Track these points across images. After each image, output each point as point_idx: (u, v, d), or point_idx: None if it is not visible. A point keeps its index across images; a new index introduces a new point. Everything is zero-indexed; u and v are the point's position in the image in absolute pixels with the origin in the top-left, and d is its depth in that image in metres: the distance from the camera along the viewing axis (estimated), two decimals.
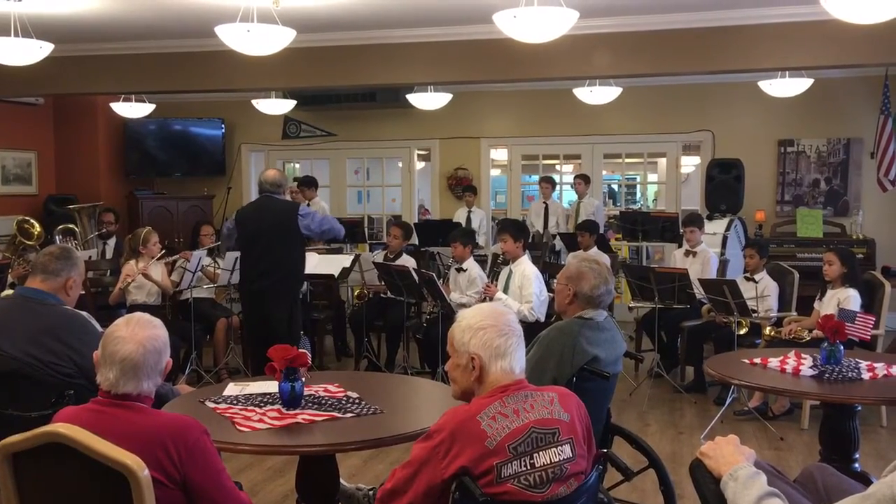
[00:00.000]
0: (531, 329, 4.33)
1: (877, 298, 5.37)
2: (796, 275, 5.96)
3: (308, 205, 8.21)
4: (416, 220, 9.56)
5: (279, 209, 5.29)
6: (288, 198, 5.55)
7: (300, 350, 2.96)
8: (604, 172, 9.88)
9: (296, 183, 8.65)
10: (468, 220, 8.85)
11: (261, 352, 3.55)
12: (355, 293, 6.97)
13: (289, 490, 4.04)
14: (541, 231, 8.71)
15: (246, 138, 9.90)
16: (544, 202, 8.85)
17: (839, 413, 3.48)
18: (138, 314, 2.23)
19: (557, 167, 10.53)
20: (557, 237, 8.31)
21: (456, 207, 9.23)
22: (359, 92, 8.92)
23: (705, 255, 6.60)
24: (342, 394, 3.11)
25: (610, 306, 3.68)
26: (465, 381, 2.19)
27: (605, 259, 6.72)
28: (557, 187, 9.29)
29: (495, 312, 2.20)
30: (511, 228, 5.62)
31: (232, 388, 3.21)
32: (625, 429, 3.13)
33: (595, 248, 7.15)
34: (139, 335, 2.12)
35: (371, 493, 3.03)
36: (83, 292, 3.36)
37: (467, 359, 2.16)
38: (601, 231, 7.81)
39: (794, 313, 5.78)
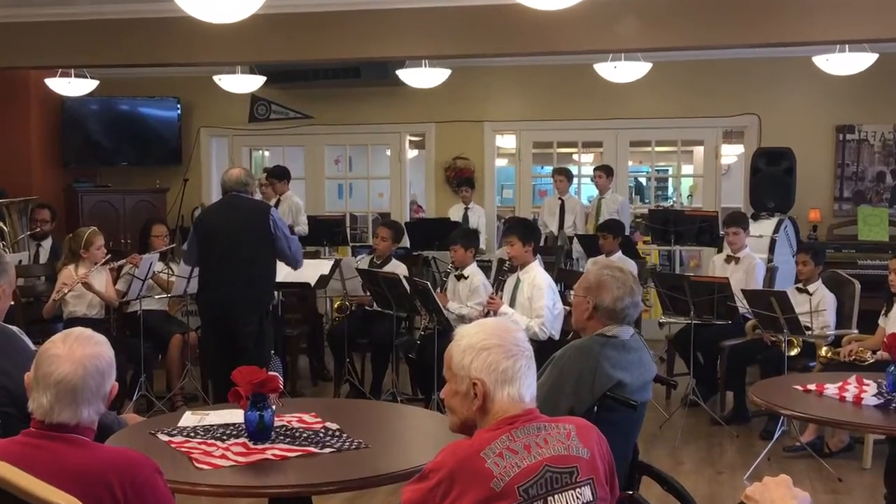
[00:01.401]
0: (543, 349, 4.34)
1: None
2: (857, 285, 5.97)
3: (279, 201, 8.22)
4: (408, 219, 9.58)
5: (248, 207, 5.34)
6: (258, 197, 5.59)
7: (270, 373, 2.96)
8: (630, 163, 9.90)
9: (265, 174, 8.66)
10: (465, 219, 8.87)
11: (223, 375, 3.54)
12: (335, 305, 6.97)
13: None
14: (555, 232, 8.72)
15: (206, 121, 9.91)
16: (559, 198, 8.86)
17: None
18: (78, 329, 2.22)
19: (575, 157, 10.55)
20: (574, 240, 8.32)
21: (455, 202, 9.24)
22: (340, 67, 8.93)
23: (750, 261, 6.61)
24: (319, 425, 3.11)
25: (637, 322, 3.68)
26: (465, 411, 2.18)
27: (631, 266, 6.71)
28: (575, 181, 9.30)
29: (501, 329, 2.20)
30: (519, 229, 5.63)
31: (189, 418, 3.20)
32: (654, 467, 3.13)
33: (619, 253, 7.16)
34: (78, 353, 2.12)
35: None
36: (13, 303, 3.34)
37: (468, 384, 2.16)
38: (626, 233, 7.81)
39: (855, 331, 5.78)
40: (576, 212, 8.79)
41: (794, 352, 5.63)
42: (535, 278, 5.51)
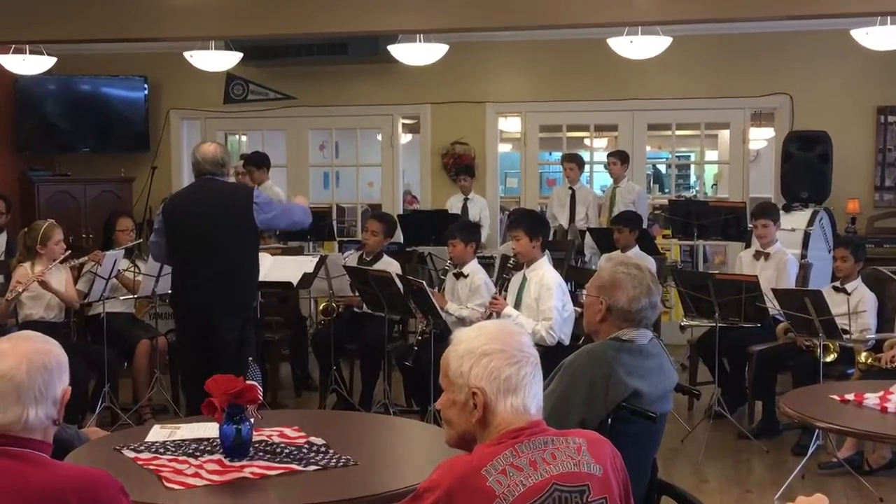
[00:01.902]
0: (551, 355, 4.33)
1: None
2: None
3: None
4: (401, 211, 9.57)
5: (226, 194, 5.25)
6: (232, 180, 5.53)
7: (248, 382, 2.96)
8: (647, 149, 9.90)
9: (241, 162, 8.65)
10: (464, 210, 8.87)
11: (199, 385, 3.54)
12: (320, 307, 6.97)
13: None
14: (565, 226, 8.73)
15: (176, 102, 9.90)
16: (569, 188, 8.86)
17: None
18: (28, 331, 2.23)
19: (587, 142, 10.54)
20: (586, 234, 8.32)
21: (454, 191, 9.24)
22: (325, 42, 8.91)
23: (781, 257, 6.61)
24: (303, 440, 3.11)
25: (656, 325, 3.68)
26: (464, 424, 2.19)
27: (650, 262, 6.71)
28: (587, 168, 9.30)
29: (504, 333, 2.20)
30: (526, 222, 5.63)
31: (158, 433, 3.21)
32: (675, 486, 3.13)
33: (636, 249, 7.16)
34: (23, 348, 2.13)
35: None
36: None
37: (467, 394, 2.16)
38: (644, 226, 7.82)
39: None
40: (588, 203, 8.79)
41: (830, 357, 5.63)
42: (543, 277, 5.51)
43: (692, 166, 14.39)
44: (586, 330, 3.28)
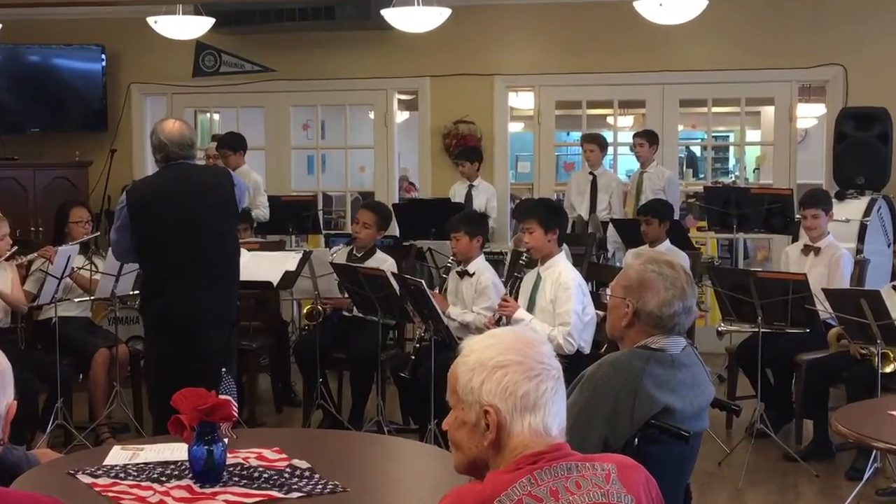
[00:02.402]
0: (569, 365, 4.32)
1: None
2: None
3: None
4: (397, 200, 9.55)
5: (208, 180, 5.20)
6: (197, 161, 5.47)
7: (221, 396, 2.95)
8: (680, 128, 9.88)
9: (214, 144, 8.64)
10: (468, 199, 8.86)
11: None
12: (304, 310, 6.96)
13: None
14: (584, 216, 8.72)
15: (138, 75, 9.89)
16: (590, 172, 8.86)
17: None
18: None
19: (610, 120, 10.55)
20: (610, 226, 8.32)
21: (457, 177, 9.23)
22: (309, 6, 8.90)
23: (833, 252, 6.60)
24: (284, 463, 3.11)
25: (689, 331, 3.67)
26: (474, 447, 2.17)
27: (682, 259, 6.70)
28: (610, 150, 9.29)
29: (521, 342, 2.19)
30: (540, 213, 5.62)
31: (118, 454, 3.20)
32: None
33: (666, 243, 7.15)
34: None
35: None
36: None
37: (478, 413, 2.14)
38: (676, 216, 7.80)
39: None
40: (611, 190, 8.79)
41: (889, 368, 5.62)
42: (560, 275, 5.50)
43: (731, 148, 14.41)
44: (610, 335, 3.28)
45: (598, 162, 8.84)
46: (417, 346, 5.93)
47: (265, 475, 2.97)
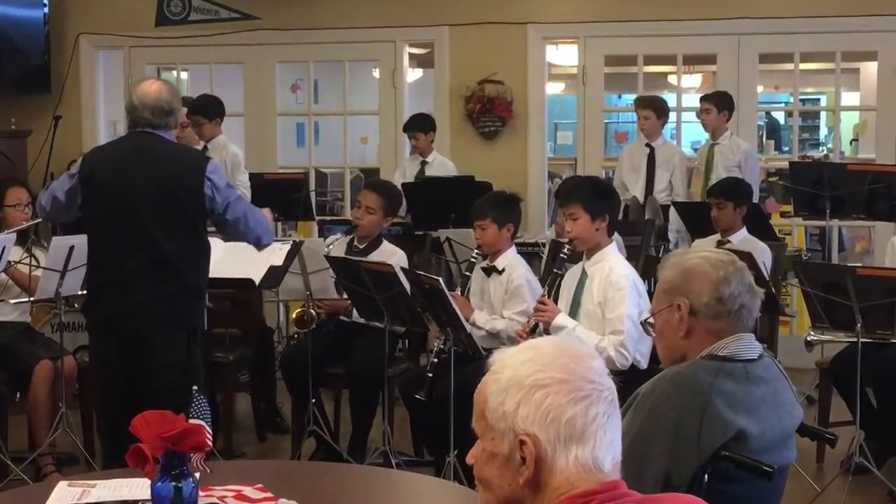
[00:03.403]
0: (624, 384, 4.31)
1: None
2: None
3: (207, 148, 8.21)
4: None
5: (170, 158, 5.22)
6: (173, 137, 5.49)
7: (191, 420, 2.96)
8: (759, 89, 9.85)
9: (184, 110, 8.66)
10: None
11: (123, 427, 3.51)
12: (293, 315, 6.97)
13: None
14: (640, 199, 8.70)
15: (88, 25, 9.93)
16: (647, 144, 8.85)
17: None
18: None
19: (673, 79, 10.51)
20: (671, 209, 8.31)
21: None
22: None
23: None
24: (269, 503, 3.11)
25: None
26: (507, 486, 2.17)
27: (762, 251, 6.70)
28: (672, 117, 9.25)
29: (565, 355, 2.18)
30: (585, 195, 5.61)
31: (65, 492, 3.22)
32: None
33: (743, 232, 7.12)
34: None
35: None
36: None
37: (512, 443, 2.14)
38: (754, 199, 7.77)
39: None
40: (672, 166, 8.77)
41: None
42: (611, 272, 5.48)
43: (823, 114, 14.34)
44: (669, 363, 3.26)
45: (657, 132, 8.81)
46: (434, 360, 5.90)
47: None
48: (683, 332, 3.12)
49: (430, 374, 5.89)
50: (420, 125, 8.98)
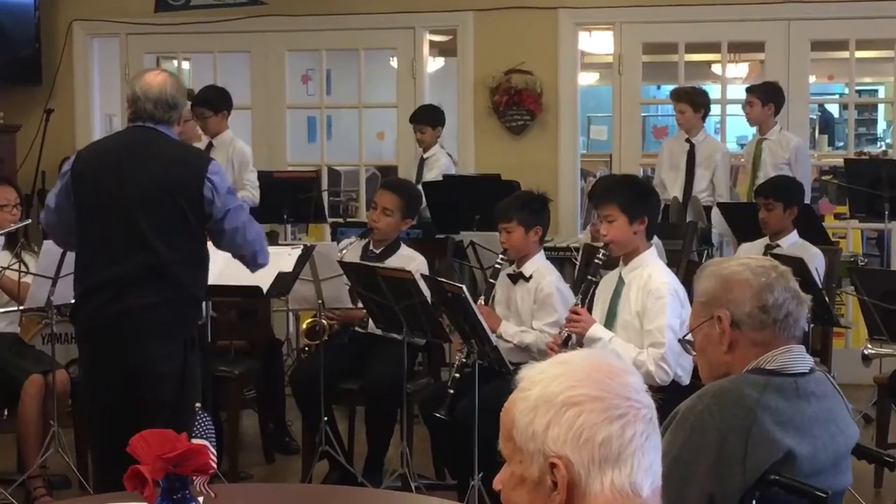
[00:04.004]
0: (665, 401, 4.35)
1: None
2: None
3: (211, 146, 8.25)
4: (415, 179, 9.57)
5: (169, 155, 5.25)
6: (174, 134, 5.54)
7: (194, 440, 3.00)
8: (812, 79, 9.83)
9: (187, 103, 8.70)
10: (418, 176, 8.93)
11: (116, 445, 3.55)
12: (303, 325, 6.99)
13: None
14: (680, 199, 8.71)
15: (83, 10, 9.96)
16: (687, 140, 8.88)
17: None
18: None
19: (716, 69, 10.50)
20: (714, 211, 8.32)
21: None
22: None
23: None
24: None
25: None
26: None
27: (815, 256, 6.69)
28: (715, 110, 9.25)
29: (599, 370, 2.19)
30: (622, 195, 5.60)
31: None
32: None
33: (793, 235, 7.11)
34: None
35: None
36: None
37: (542, 467, 2.14)
38: (806, 200, 7.77)
39: None
40: (714, 164, 8.77)
41: None
42: (650, 279, 5.48)
43: (881, 107, 14.29)
44: (711, 379, 3.26)
45: (696, 127, 8.81)
46: (456, 375, 5.91)
47: None
48: (726, 347, 3.13)
49: (452, 390, 5.89)
50: (428, 118, 9.02)
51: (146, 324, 5.14)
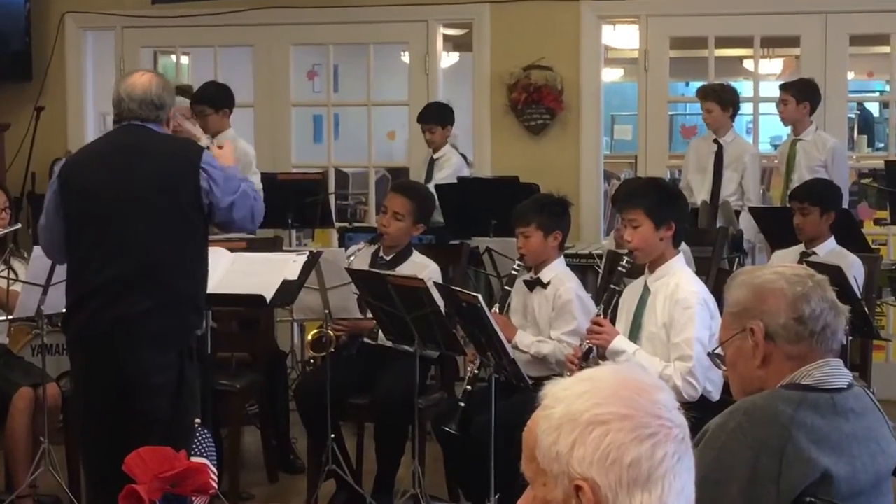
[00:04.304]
0: (696, 419, 4.31)
1: None
2: None
3: (213, 143, 8.24)
4: (424, 181, 9.56)
5: (159, 150, 5.30)
6: (168, 130, 5.55)
7: (193, 458, 2.99)
8: (850, 76, 9.81)
9: (182, 101, 8.68)
10: (428, 177, 8.94)
11: (110, 462, 3.52)
12: (309, 337, 6.99)
13: None
14: (707, 202, 8.70)
15: (75, 2, 9.99)
16: (714, 140, 8.87)
17: None
18: None
19: (748, 65, 10.48)
20: (745, 215, 8.29)
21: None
22: None
23: None
24: None
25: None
26: None
27: (853, 264, 6.66)
28: (746, 108, 9.23)
29: (627, 386, 2.17)
30: (647, 199, 5.62)
31: None
32: None
33: (830, 242, 7.09)
34: None
35: None
36: None
37: (567, 490, 2.12)
38: (844, 204, 7.74)
39: None
40: (743, 166, 8.77)
41: None
42: (678, 288, 5.48)
43: None
44: (743, 395, 3.25)
45: (724, 126, 8.80)
46: (468, 387, 5.93)
47: None
48: (759, 361, 3.12)
49: (463, 404, 5.91)
50: (438, 116, 9.03)
51: (140, 331, 5.18)
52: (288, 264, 6.37)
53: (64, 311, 5.73)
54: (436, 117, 9.04)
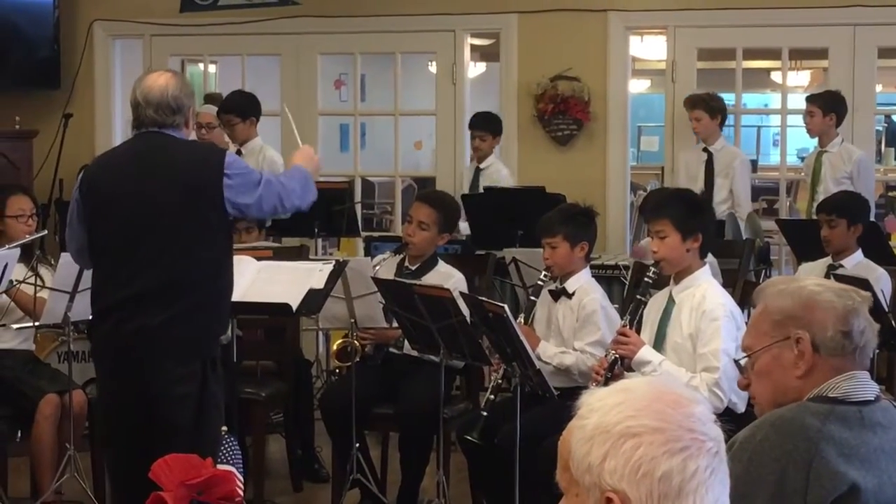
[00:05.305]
0: (730, 430, 4.29)
1: None
2: None
3: (240, 151, 8.25)
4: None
5: (180, 157, 5.28)
6: (193, 136, 5.55)
7: (220, 466, 2.99)
8: (878, 88, 9.77)
9: (209, 108, 8.69)
10: (474, 187, 8.94)
11: (135, 470, 3.51)
12: (334, 346, 6.98)
13: None
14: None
15: (104, 10, 10.02)
16: (704, 149, 8.94)
17: None
18: None
19: (776, 77, 10.44)
20: (732, 220, 8.29)
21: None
22: None
23: None
24: None
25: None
26: None
27: (881, 277, 6.63)
28: (775, 121, 9.19)
29: (661, 399, 2.17)
30: (675, 210, 5.60)
31: None
32: None
33: (857, 254, 7.07)
34: None
35: None
36: None
37: (598, 500, 2.13)
38: (871, 217, 7.71)
39: None
40: (731, 173, 8.83)
41: None
42: (704, 300, 5.46)
43: None
44: (772, 405, 3.21)
45: (713, 134, 8.89)
46: (491, 396, 5.91)
47: None
48: (802, 371, 3.08)
49: (485, 413, 5.89)
50: (490, 125, 9.04)
51: (162, 342, 5.16)
52: (314, 273, 6.35)
53: (90, 317, 5.75)
54: (489, 125, 9.07)
